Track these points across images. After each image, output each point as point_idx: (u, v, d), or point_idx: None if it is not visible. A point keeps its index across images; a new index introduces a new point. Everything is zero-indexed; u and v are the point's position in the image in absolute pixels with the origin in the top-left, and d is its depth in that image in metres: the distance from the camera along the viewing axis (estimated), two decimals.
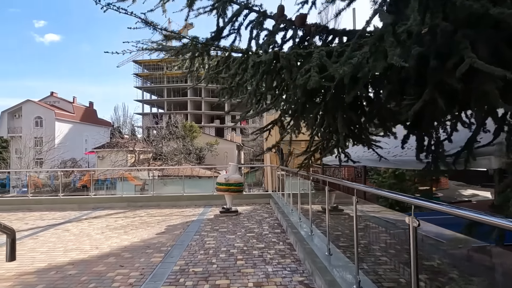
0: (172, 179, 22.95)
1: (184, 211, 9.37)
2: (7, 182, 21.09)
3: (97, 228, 7.21)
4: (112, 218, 8.38)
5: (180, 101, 70.24)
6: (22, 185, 28.74)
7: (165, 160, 26.49)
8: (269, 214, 8.56)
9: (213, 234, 6.46)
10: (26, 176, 23.19)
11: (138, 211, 9.37)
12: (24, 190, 24.99)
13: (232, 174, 8.60)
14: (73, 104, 52.10)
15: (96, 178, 18.66)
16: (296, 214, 6.66)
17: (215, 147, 37.78)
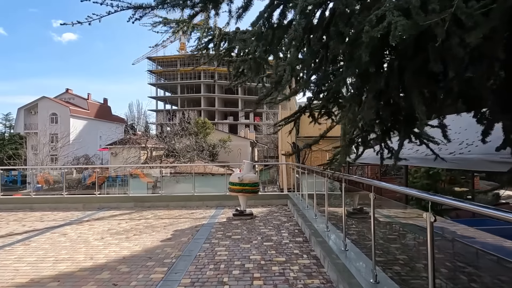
0: (185, 176, 22.40)
1: (194, 212, 8.60)
2: (18, 178, 20.94)
3: (97, 233, 6.49)
4: (115, 220, 7.68)
5: (194, 97, 69.97)
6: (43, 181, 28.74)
7: (177, 157, 25.89)
8: (287, 218, 7.70)
9: (225, 242, 5.64)
10: (36, 173, 22.98)
11: (144, 212, 8.65)
12: (38, 186, 24.86)
13: (246, 172, 7.76)
14: (88, 101, 52.27)
15: (106, 176, 18.16)
16: (321, 220, 5.77)
17: (228, 144, 37.10)
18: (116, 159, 31.59)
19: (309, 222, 6.04)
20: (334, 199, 6.38)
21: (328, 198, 5.33)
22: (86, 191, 20.59)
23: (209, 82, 70.90)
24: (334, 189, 6.61)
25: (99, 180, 17.75)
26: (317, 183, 7.32)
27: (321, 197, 6.40)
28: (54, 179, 22.81)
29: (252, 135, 51.21)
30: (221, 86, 72.67)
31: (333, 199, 5.73)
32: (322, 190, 5.92)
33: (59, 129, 41.65)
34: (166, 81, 74.71)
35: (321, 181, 6.41)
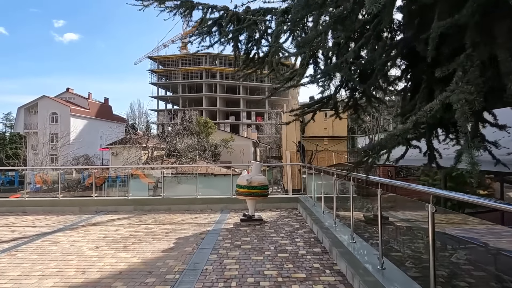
0: (186, 177, 21.81)
1: (198, 217, 7.99)
2: (15, 179, 20.38)
3: (92, 241, 5.89)
4: (113, 226, 7.07)
5: (195, 97, 69.43)
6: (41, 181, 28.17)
7: (179, 157, 25.30)
8: (299, 223, 7.08)
9: (234, 253, 5.03)
10: (35, 173, 22.42)
11: (145, 217, 8.04)
12: (38, 187, 24.28)
13: (255, 174, 7.15)
14: (88, 100, 51.76)
15: (106, 176, 17.56)
16: (343, 228, 5.15)
17: (230, 144, 36.51)
18: (116, 159, 31.02)
19: (327, 230, 5.43)
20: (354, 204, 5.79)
21: (351, 203, 4.71)
22: (85, 192, 20.02)
23: (210, 81, 70.32)
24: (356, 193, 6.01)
25: (98, 181, 17.17)
26: (330, 186, 6.73)
27: (342, 202, 5.80)
28: (54, 179, 22.26)
29: (255, 135, 50.63)
30: (223, 86, 72.14)
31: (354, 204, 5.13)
32: (351, 195, 5.33)
33: (59, 128, 41.16)
34: (168, 81, 74.22)
35: (339, 184, 5.81)
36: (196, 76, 72.03)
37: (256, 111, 72.61)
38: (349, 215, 5.21)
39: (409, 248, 4.38)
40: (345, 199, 6.19)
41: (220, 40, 4.40)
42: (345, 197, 6.09)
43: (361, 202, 7.02)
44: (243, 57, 4.52)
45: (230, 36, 4.32)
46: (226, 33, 4.23)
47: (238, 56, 4.62)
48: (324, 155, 20.93)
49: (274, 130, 55.61)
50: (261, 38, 4.33)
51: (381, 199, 3.39)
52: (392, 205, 6.24)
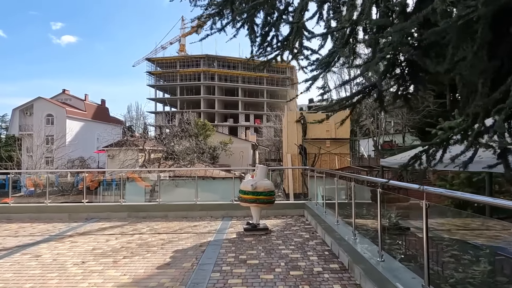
0: (184, 180, 21.13)
1: (198, 225, 7.34)
2: (6, 183, 19.64)
3: (78, 254, 5.22)
4: (103, 236, 6.40)
5: (193, 99, 68.77)
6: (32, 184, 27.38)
7: (176, 159, 24.61)
8: (309, 233, 6.44)
9: (239, 270, 4.38)
10: (29, 176, 21.68)
11: (139, 225, 7.38)
12: (31, 190, 23.53)
13: (260, 179, 6.51)
14: (85, 102, 51.02)
15: (101, 179, 16.87)
16: (364, 241, 4.50)
17: (229, 146, 35.87)
18: (113, 162, 30.26)
19: (343, 242, 4.79)
20: (371, 212, 5.20)
21: (379, 214, 4.08)
22: (80, 196, 19.32)
23: (209, 84, 69.71)
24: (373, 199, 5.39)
25: (92, 185, 16.48)
26: (344, 192, 6.12)
27: (359, 210, 5.17)
28: (44, 182, 21.53)
29: (253, 137, 50.05)
30: (221, 88, 71.57)
31: (374, 213, 4.51)
32: (379, 206, 4.72)
33: (55, 130, 40.40)
34: (165, 83, 73.59)
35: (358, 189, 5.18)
36: (194, 78, 71.46)
37: (255, 114, 72.06)
38: (371, 225, 4.60)
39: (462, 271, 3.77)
40: (363, 207, 5.58)
41: (233, 21, 3.76)
42: (362, 205, 5.48)
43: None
44: (258, 42, 3.87)
45: (245, 16, 3.69)
46: (240, 11, 3.60)
47: (254, 39, 3.98)
48: (326, 158, 20.30)
49: (273, 132, 55.12)
50: (280, 17, 3.70)
51: (427, 212, 2.76)
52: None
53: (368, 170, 10.91)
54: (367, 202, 5.45)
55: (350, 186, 5.27)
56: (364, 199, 7.23)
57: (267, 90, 73.19)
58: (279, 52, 4.02)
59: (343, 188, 9.23)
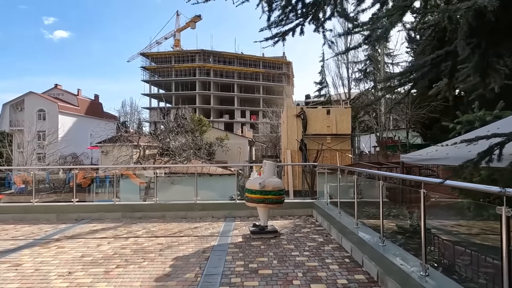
0: (181, 177, 20.54)
1: (198, 227, 6.72)
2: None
3: (64, 262, 4.58)
4: (94, 240, 5.76)
5: (188, 95, 67.79)
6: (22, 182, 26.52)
7: (172, 156, 23.90)
8: (322, 236, 5.86)
9: (252, 283, 3.78)
10: (20, 173, 20.88)
11: (134, 227, 6.75)
12: (22, 187, 22.72)
13: (268, 176, 5.91)
14: (78, 97, 49.90)
15: (93, 176, 16.16)
16: (395, 248, 3.91)
17: (225, 142, 35.24)
18: (106, 158, 29.46)
19: (370, 249, 4.20)
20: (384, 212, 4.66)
21: (422, 219, 3.48)
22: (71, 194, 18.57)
23: (204, 79, 68.81)
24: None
25: (84, 182, 15.77)
26: (368, 192, 5.56)
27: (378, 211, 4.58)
28: (39, 178, 20.74)
29: (250, 133, 49.43)
30: (217, 84, 70.72)
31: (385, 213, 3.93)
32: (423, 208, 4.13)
33: (46, 126, 39.35)
34: (160, 78, 72.47)
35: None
36: (190, 74, 70.47)
37: (251, 110, 71.35)
38: (400, 230, 4.04)
39: None
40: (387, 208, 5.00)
41: None
42: (384, 205, 4.91)
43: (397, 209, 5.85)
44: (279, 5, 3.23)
45: None
46: None
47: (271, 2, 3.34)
48: (327, 154, 19.76)
49: (269, 128, 54.50)
50: None
51: (508, 223, 2.17)
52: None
53: (378, 166, 10.36)
54: (389, 202, 4.88)
55: (375, 185, 4.70)
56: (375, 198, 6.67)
57: (263, 86, 72.44)
58: (302, 21, 3.38)
59: (351, 186, 8.62)
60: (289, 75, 76.50)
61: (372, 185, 6.24)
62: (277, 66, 74.35)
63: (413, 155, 6.63)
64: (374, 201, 6.36)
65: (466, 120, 7.73)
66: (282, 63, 75.01)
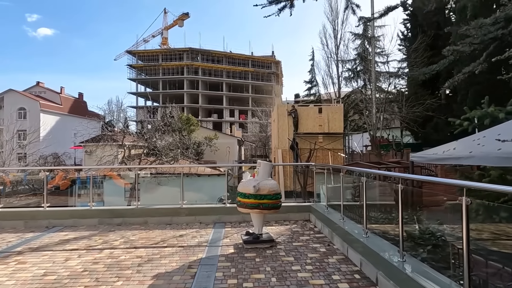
0: (167, 178, 19.71)
1: (184, 234, 6.00)
2: None
3: (21, 283, 3.82)
4: (63, 253, 4.99)
5: (176, 94, 66.49)
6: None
7: (159, 155, 23.00)
8: (323, 245, 5.22)
9: None
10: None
11: (111, 235, 5.98)
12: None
13: (263, 178, 5.24)
14: (61, 95, 48.33)
15: (73, 177, 15.18)
16: (417, 265, 3.29)
17: (214, 142, 34.45)
18: (90, 158, 28.34)
19: (386, 263, 3.57)
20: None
21: (464, 228, 2.86)
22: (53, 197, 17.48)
23: (192, 78, 67.70)
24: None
25: (63, 185, 14.80)
26: (372, 195, 4.96)
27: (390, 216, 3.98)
28: (17, 179, 19.56)
29: (239, 133, 48.72)
30: (205, 83, 69.71)
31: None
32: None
33: (27, 124, 37.83)
34: (147, 77, 71.01)
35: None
36: (178, 72, 69.25)
37: (240, 109, 70.61)
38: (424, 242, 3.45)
39: None
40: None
41: None
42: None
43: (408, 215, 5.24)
44: None
45: None
46: None
47: None
48: (319, 153, 19.21)
49: (258, 128, 53.87)
50: None
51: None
52: None
53: (379, 166, 9.85)
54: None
55: (393, 188, 4.09)
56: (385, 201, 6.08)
57: (252, 85, 71.79)
58: None
59: (350, 188, 8.01)
60: (278, 75, 76.07)
61: (382, 187, 5.65)
62: (266, 65, 73.80)
63: (425, 154, 6.05)
64: (384, 204, 5.78)
65: (474, 117, 7.22)
66: (271, 62, 74.50)
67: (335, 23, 35.70)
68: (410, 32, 23.77)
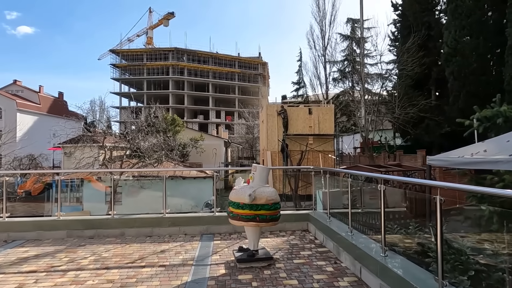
0: (151, 181, 18.75)
1: (167, 250, 5.18)
2: None
3: None
4: (16, 278, 4.10)
5: (161, 94, 65.02)
6: None
7: (142, 157, 21.91)
8: (329, 262, 4.50)
9: None
10: None
11: (80, 252, 5.10)
12: None
13: (260, 185, 4.48)
14: (40, 94, 46.35)
15: (47, 181, 14.02)
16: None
17: (200, 143, 33.48)
18: (69, 160, 26.94)
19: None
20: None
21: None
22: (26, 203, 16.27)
23: (178, 78, 66.38)
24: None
25: (35, 190, 13.63)
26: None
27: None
28: None
29: (226, 134, 47.85)
30: (191, 83, 68.51)
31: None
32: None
33: (3, 124, 36.01)
34: (131, 76, 69.25)
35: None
36: (163, 72, 67.82)
37: (226, 110, 69.69)
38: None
39: None
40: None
41: None
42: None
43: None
44: None
45: None
46: None
47: None
48: (309, 155, 18.60)
49: (245, 129, 53.10)
50: None
51: None
52: None
53: (380, 169, 9.25)
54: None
55: (405, 194, 3.37)
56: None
57: (238, 86, 71.02)
58: None
59: (345, 192, 7.33)
60: (265, 76, 75.58)
61: (393, 194, 4.98)
62: (253, 66, 73.18)
63: (446, 157, 5.40)
64: (393, 211, 5.11)
65: (484, 116, 6.66)
66: (258, 64, 73.94)
67: (323, 23, 35.41)
68: (400, 33, 23.49)
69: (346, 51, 36.72)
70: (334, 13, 35.19)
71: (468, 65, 17.31)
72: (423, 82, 21.31)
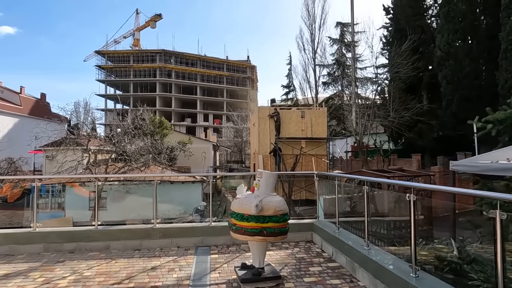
0: (137, 185, 17.96)
1: (158, 267, 4.57)
2: None
3: None
4: None
5: (148, 97, 63.79)
6: None
7: (128, 161, 21.05)
8: (343, 279, 3.99)
9: None
10: None
11: (58, 270, 4.45)
12: None
13: (267, 194, 3.95)
14: (21, 95, 44.64)
15: (25, 186, 13.13)
16: None
17: (188, 147, 32.70)
18: (51, 164, 25.79)
19: None
20: None
21: None
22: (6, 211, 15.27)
23: (165, 81, 65.34)
24: None
25: (11, 196, 12.73)
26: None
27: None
28: None
29: (214, 137, 47.14)
30: (179, 86, 67.57)
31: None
32: None
33: None
34: (117, 78, 67.80)
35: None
36: (150, 75, 66.69)
37: (214, 114, 68.95)
38: None
39: None
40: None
41: None
42: None
43: None
44: None
45: None
46: None
47: None
48: (301, 159, 18.16)
49: (233, 133, 52.50)
50: None
51: None
52: None
53: (384, 174, 8.86)
54: None
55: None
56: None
57: (227, 90, 70.46)
58: None
59: (348, 198, 6.93)
60: (254, 79, 75.26)
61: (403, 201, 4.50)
62: (241, 69, 72.78)
63: (473, 162, 4.98)
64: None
65: (496, 119, 6.31)
66: (247, 67, 73.60)
67: (313, 27, 35.25)
68: (393, 37, 23.43)
69: (335, 55, 36.70)
70: (324, 17, 35.11)
71: (461, 69, 17.24)
72: (415, 86, 21.24)
